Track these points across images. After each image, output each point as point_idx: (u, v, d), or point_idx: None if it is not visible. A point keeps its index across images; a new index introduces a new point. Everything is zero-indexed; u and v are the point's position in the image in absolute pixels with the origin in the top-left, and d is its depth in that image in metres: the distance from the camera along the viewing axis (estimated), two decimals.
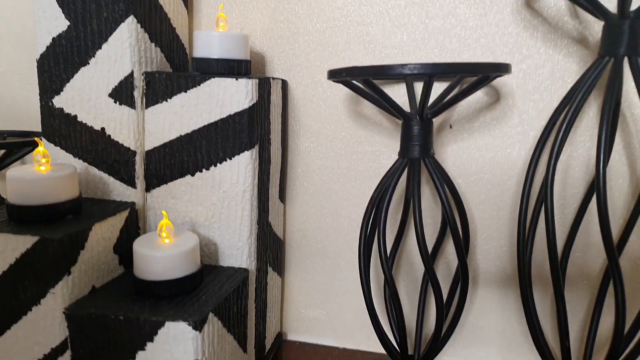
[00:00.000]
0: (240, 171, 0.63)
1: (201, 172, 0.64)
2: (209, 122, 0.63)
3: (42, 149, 0.59)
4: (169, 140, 0.64)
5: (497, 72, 0.52)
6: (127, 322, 0.51)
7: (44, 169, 0.58)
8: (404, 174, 0.70)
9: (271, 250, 0.74)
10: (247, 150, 0.62)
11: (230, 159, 0.63)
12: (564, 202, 0.70)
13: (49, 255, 0.52)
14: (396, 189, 0.66)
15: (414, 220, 0.56)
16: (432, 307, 0.78)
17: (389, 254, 0.72)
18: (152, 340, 0.51)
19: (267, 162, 0.69)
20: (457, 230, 0.56)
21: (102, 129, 0.65)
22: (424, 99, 0.54)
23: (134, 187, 0.66)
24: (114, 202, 0.66)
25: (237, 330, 0.61)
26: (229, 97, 0.61)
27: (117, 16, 0.62)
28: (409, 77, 0.69)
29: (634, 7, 0.54)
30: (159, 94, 0.64)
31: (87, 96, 0.65)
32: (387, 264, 0.58)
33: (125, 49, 0.63)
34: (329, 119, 0.76)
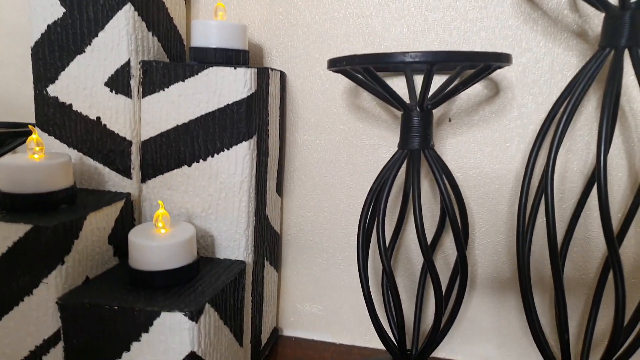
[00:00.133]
0: (238, 162, 0.62)
1: (198, 162, 0.63)
2: (207, 112, 0.62)
3: (36, 137, 0.58)
4: (165, 130, 0.63)
5: (498, 61, 0.51)
6: (121, 312, 0.50)
7: (37, 157, 0.57)
8: (402, 167, 0.69)
9: (268, 243, 0.73)
10: (245, 140, 0.62)
11: (227, 150, 0.62)
12: (562, 197, 0.70)
13: (42, 244, 0.51)
14: (394, 183, 0.65)
15: (413, 210, 0.55)
16: (430, 302, 0.77)
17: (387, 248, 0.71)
18: (147, 330, 0.50)
19: (265, 154, 0.68)
20: (457, 221, 0.56)
21: (98, 119, 0.64)
22: (425, 88, 0.53)
23: (130, 178, 0.65)
24: (109, 193, 0.64)
25: (234, 323, 0.60)
26: (227, 86, 0.61)
27: (114, 3, 0.61)
28: (409, 68, 0.69)
29: None
30: (156, 83, 0.63)
31: (82, 85, 0.64)
32: (386, 255, 0.57)
33: (122, 37, 0.62)
34: (327, 111, 0.76)
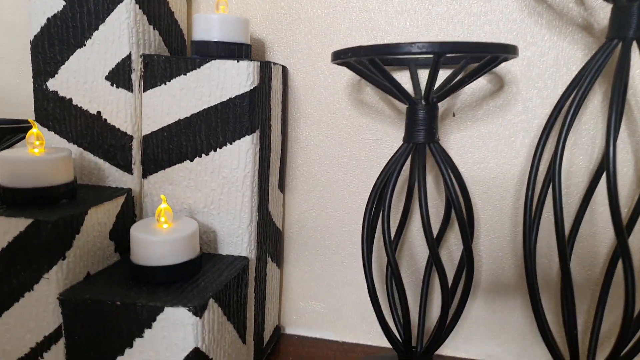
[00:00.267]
0: (240, 156, 0.61)
1: (200, 157, 0.62)
2: (209, 106, 0.61)
3: (36, 131, 0.57)
4: (167, 124, 0.63)
5: (505, 52, 0.51)
6: (124, 307, 0.49)
7: (38, 152, 0.56)
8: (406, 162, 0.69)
9: (270, 240, 0.72)
10: (247, 134, 0.61)
11: (230, 144, 0.61)
12: (567, 192, 0.69)
13: (42, 238, 0.50)
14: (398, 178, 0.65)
15: (419, 201, 0.55)
16: (434, 299, 0.77)
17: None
18: (150, 326, 0.49)
19: (268, 149, 0.67)
20: (462, 212, 0.55)
21: (98, 113, 0.63)
22: (431, 80, 0.52)
23: (131, 173, 0.64)
24: (110, 188, 0.64)
25: (237, 319, 0.60)
26: (229, 79, 0.60)
27: None
28: (413, 62, 0.68)
29: None
30: (157, 76, 0.62)
31: (82, 79, 0.63)
32: (392, 248, 0.56)
33: (123, 30, 0.61)
34: (330, 106, 0.75)
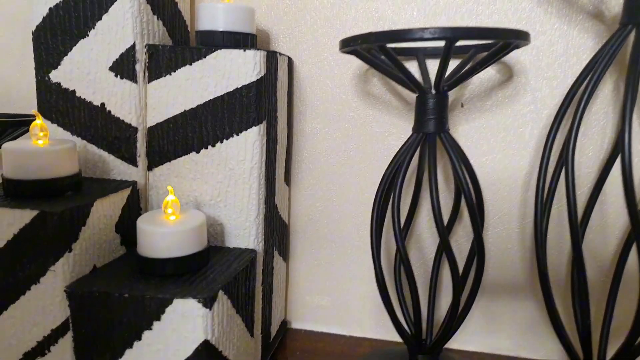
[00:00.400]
0: (247, 148, 0.60)
1: (206, 148, 0.61)
2: (215, 96, 0.60)
3: (40, 122, 0.56)
4: (172, 115, 0.62)
5: (517, 38, 0.50)
6: (132, 300, 0.48)
7: (42, 143, 0.55)
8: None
9: (277, 233, 0.72)
10: (254, 125, 0.60)
11: (237, 135, 0.60)
12: (578, 182, 0.68)
13: (48, 230, 0.49)
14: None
15: (430, 190, 0.54)
16: (442, 292, 0.76)
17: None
18: (158, 319, 0.49)
19: (274, 141, 0.66)
20: (472, 199, 0.54)
21: (102, 105, 0.63)
22: (442, 68, 0.52)
23: (135, 166, 0.63)
24: (115, 181, 0.63)
25: (246, 312, 0.59)
26: (235, 69, 0.59)
27: None
28: (421, 51, 0.68)
29: None
30: (162, 67, 0.61)
31: (86, 70, 0.62)
32: (402, 237, 0.55)
33: (127, 20, 0.60)
34: (336, 98, 0.74)
